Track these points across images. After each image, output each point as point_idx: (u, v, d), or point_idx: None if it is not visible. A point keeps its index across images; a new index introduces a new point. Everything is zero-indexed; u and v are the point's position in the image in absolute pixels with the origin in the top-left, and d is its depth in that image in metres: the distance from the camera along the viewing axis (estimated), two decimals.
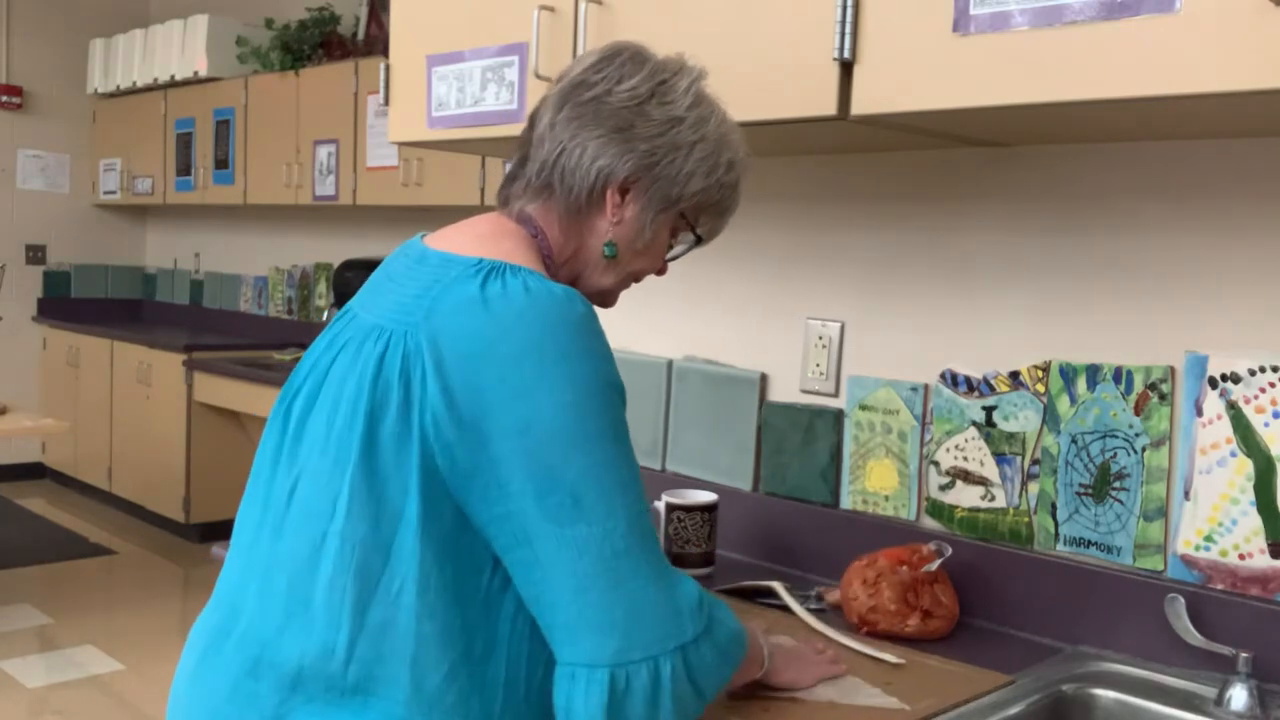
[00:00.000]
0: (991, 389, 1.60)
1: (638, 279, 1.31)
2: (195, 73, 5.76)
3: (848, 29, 1.32)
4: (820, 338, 1.80)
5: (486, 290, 1.08)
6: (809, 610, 1.55)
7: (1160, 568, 1.44)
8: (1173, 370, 1.43)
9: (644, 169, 1.20)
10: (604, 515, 1.05)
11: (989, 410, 1.60)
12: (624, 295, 1.33)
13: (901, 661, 1.38)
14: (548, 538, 1.04)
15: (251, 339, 5.78)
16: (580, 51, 1.59)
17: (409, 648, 1.05)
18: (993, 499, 1.60)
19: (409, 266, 1.17)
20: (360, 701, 1.06)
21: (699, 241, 1.29)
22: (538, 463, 1.04)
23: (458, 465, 1.05)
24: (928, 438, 1.67)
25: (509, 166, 1.28)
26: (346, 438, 1.08)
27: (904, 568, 1.50)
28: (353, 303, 1.22)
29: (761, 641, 1.26)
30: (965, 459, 1.62)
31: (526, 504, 1.04)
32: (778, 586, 1.60)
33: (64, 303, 6.87)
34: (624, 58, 1.23)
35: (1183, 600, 1.36)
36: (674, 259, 1.32)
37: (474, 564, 1.08)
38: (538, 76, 1.65)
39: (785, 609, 1.55)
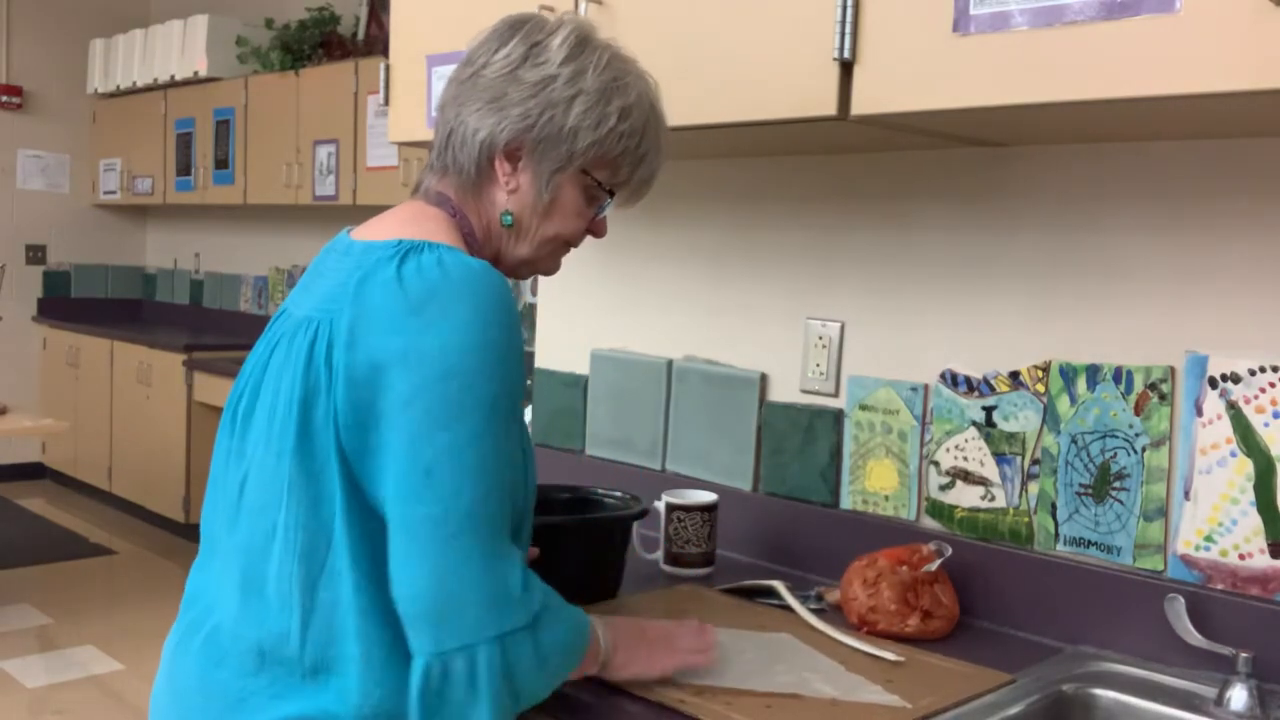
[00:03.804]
0: (991, 389, 1.60)
1: (571, 244, 1.29)
2: (195, 73, 5.76)
3: (848, 29, 1.32)
4: (820, 338, 1.80)
5: (403, 269, 1.10)
6: (810, 610, 1.55)
7: (1160, 568, 1.44)
8: (1173, 370, 1.43)
9: (522, 132, 1.20)
10: (449, 494, 1.04)
11: (989, 410, 1.60)
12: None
13: (901, 659, 1.38)
14: (394, 519, 1.05)
15: (251, 339, 5.69)
16: None
17: (353, 623, 1.07)
18: (993, 499, 1.60)
19: (337, 260, 1.19)
20: (322, 680, 1.08)
21: (611, 196, 1.27)
22: (410, 438, 1.04)
23: (355, 446, 1.07)
24: (928, 438, 1.67)
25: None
26: (285, 428, 1.10)
27: (904, 568, 1.50)
28: (286, 302, 1.25)
29: (601, 639, 1.21)
30: (965, 459, 1.62)
31: (390, 486, 1.06)
32: (779, 586, 1.60)
33: (64, 303, 6.87)
34: (502, 29, 1.24)
35: (1183, 600, 1.36)
36: (600, 216, 1.29)
37: (384, 540, 1.09)
38: None
39: (787, 608, 1.55)
